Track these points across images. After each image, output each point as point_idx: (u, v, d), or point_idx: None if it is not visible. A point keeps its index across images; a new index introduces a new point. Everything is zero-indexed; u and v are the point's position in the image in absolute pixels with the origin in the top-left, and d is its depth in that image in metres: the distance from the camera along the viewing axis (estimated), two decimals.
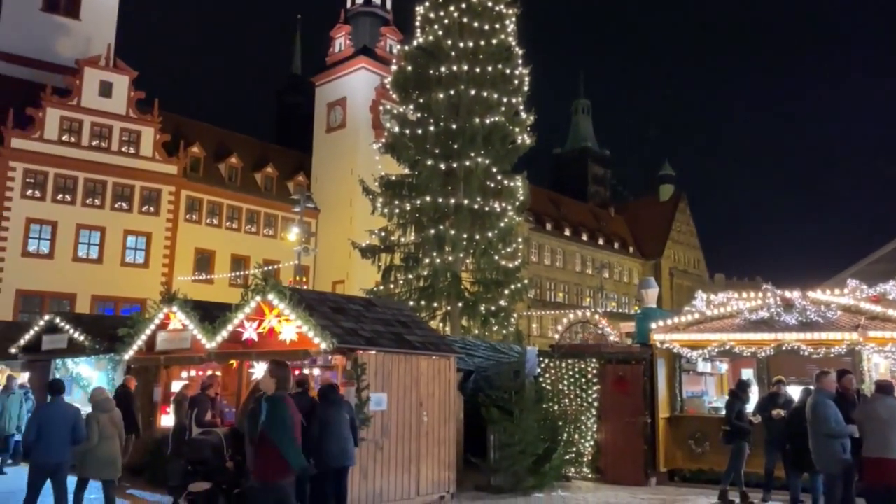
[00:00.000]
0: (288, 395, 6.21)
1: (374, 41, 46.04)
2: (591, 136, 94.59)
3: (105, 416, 8.97)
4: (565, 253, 62.93)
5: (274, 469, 5.80)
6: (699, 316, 12.69)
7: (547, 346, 15.30)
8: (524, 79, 23.73)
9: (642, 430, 12.35)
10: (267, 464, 5.80)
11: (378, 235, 23.59)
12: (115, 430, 9.02)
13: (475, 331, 21.87)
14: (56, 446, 8.18)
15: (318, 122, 46.92)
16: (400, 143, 23.26)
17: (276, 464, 5.79)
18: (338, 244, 36.90)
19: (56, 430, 8.18)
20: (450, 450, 10.94)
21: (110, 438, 8.88)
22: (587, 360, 13.07)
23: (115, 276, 35.37)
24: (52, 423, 8.22)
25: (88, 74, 36.16)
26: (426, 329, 12.29)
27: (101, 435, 8.71)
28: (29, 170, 34.05)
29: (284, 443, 5.76)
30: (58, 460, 8.27)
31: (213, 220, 40.74)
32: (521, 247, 24.62)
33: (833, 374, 8.60)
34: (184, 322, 11.48)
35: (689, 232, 78.67)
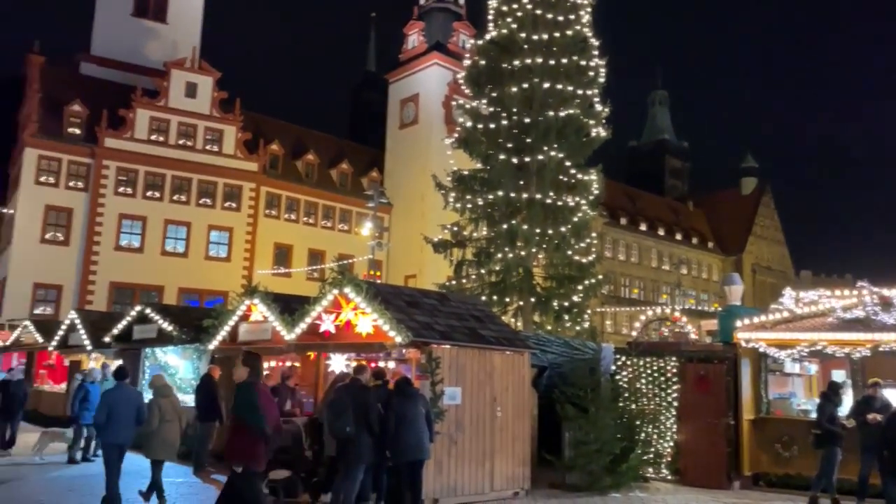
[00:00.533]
0: (260, 383, 6.42)
1: (447, 37, 46.16)
2: (668, 129, 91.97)
3: (165, 400, 9.38)
4: (641, 248, 61.44)
5: (251, 452, 5.98)
6: (787, 314, 12.11)
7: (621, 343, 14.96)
8: (600, 70, 23.21)
9: (725, 431, 11.90)
10: (244, 446, 5.99)
11: (450, 230, 23.62)
12: (176, 414, 9.42)
13: (548, 327, 21.60)
14: (123, 427, 8.77)
15: (391, 118, 47.46)
16: (472, 137, 23.18)
17: (251, 447, 5.96)
18: (410, 239, 37.25)
19: (123, 412, 8.76)
20: (524, 446, 10.85)
21: (171, 422, 9.28)
22: (666, 359, 12.69)
23: (199, 269, 36.91)
24: (120, 406, 8.78)
25: (175, 76, 37.79)
26: (500, 324, 12.23)
27: (161, 418, 9.16)
28: (121, 168, 35.93)
29: (250, 415, 6.01)
30: (124, 440, 8.87)
31: (290, 216, 41.92)
32: (595, 242, 24.10)
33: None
34: (264, 314, 11.82)
35: (773, 227, 75.32)
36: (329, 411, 8.62)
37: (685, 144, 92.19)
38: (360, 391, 8.71)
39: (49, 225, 34.52)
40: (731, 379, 12.08)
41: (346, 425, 8.35)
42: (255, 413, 5.90)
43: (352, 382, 8.84)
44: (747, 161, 77.70)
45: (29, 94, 35.79)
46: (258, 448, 5.92)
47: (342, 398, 8.58)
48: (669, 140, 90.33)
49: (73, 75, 39.06)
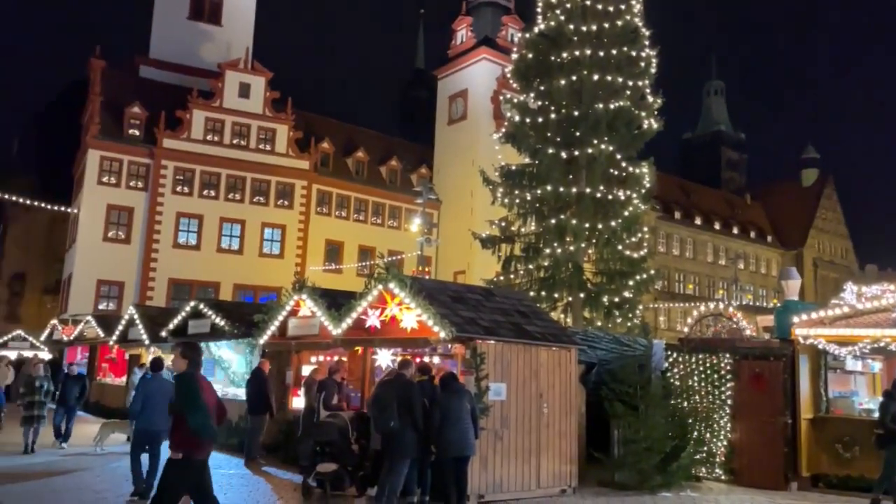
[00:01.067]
0: (199, 374, 6.37)
1: (496, 31, 45.93)
2: (724, 119, 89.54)
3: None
4: (696, 242, 59.97)
5: (190, 443, 6.00)
6: (849, 309, 11.60)
7: (675, 339, 14.61)
8: (651, 61, 22.72)
9: (782, 431, 11.49)
10: (183, 437, 6.01)
11: (498, 226, 23.52)
12: None
13: (598, 322, 21.29)
14: (158, 415, 9.11)
15: (439, 114, 47.52)
16: (520, 132, 23.00)
17: (191, 438, 5.99)
18: (459, 235, 37.27)
19: (158, 402, 9.13)
20: (571, 443, 10.71)
21: None
22: (720, 356, 12.33)
23: (253, 265, 37.75)
24: (154, 396, 9.31)
25: (229, 77, 38.68)
26: (546, 319, 12.09)
27: None
28: (178, 168, 37.01)
29: (192, 413, 5.97)
30: (158, 428, 9.23)
31: (341, 213, 42.46)
32: (647, 236, 23.63)
33: None
34: (312, 309, 11.98)
35: (835, 220, 72.49)
36: (374, 406, 8.68)
37: (742, 135, 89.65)
38: (404, 386, 8.74)
39: (111, 224, 35.82)
40: (788, 377, 11.65)
41: (390, 420, 8.41)
42: (195, 408, 5.96)
43: (396, 377, 8.88)
44: (808, 152, 74.97)
45: (91, 98, 37.17)
46: (197, 438, 6.00)
47: (387, 393, 8.62)
48: (725, 131, 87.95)
49: (132, 78, 40.39)
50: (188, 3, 43.71)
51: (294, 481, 10.83)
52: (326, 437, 9.81)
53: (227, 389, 15.75)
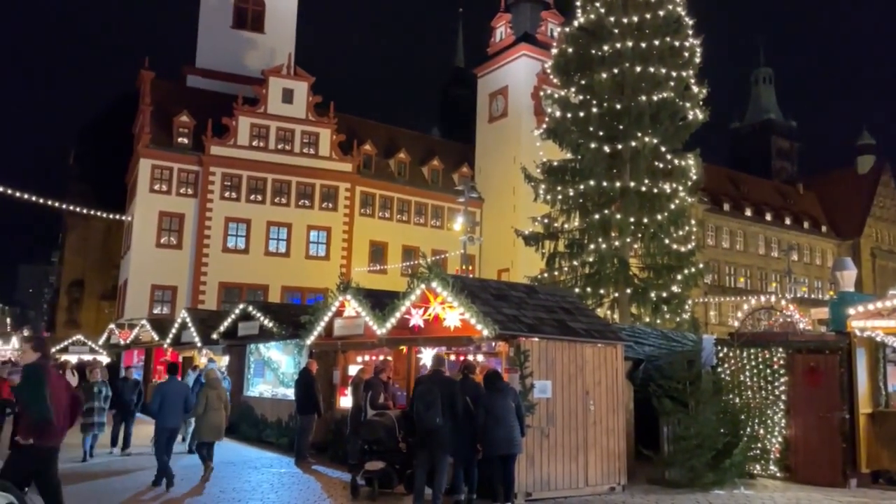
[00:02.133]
0: (49, 366, 6.47)
1: (535, 27, 45.64)
2: (774, 107, 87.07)
3: (213, 392, 10.89)
4: (746, 235, 58.47)
5: (35, 430, 6.11)
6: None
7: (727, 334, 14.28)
8: (695, 50, 22.27)
9: (840, 426, 11.12)
10: (28, 425, 6.21)
11: (541, 222, 23.37)
12: (221, 403, 10.90)
13: (646, 318, 20.97)
14: (173, 414, 10.38)
15: (480, 112, 47.47)
16: (562, 127, 22.82)
17: (38, 428, 6.10)
18: (502, 232, 37.18)
19: (173, 401, 10.34)
20: (619, 440, 10.57)
21: (216, 410, 10.78)
22: (772, 350, 11.99)
23: (300, 268, 38.36)
24: (170, 396, 10.36)
25: (272, 83, 39.38)
26: (591, 316, 11.96)
27: (207, 406, 10.68)
28: (226, 174, 37.86)
29: (33, 403, 6.12)
30: (174, 425, 10.55)
31: (384, 214, 42.81)
32: (695, 229, 23.18)
33: None
34: (357, 309, 12.10)
35: (894, 207, 69.70)
36: (419, 402, 8.74)
37: (793, 123, 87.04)
38: (446, 383, 8.79)
39: (163, 230, 36.88)
40: (844, 370, 11.26)
41: (436, 416, 8.46)
42: (38, 401, 6.10)
43: (436, 374, 8.94)
44: (864, 138, 72.27)
45: (142, 108, 38.34)
46: (46, 427, 6.13)
47: (431, 389, 8.67)
48: (775, 119, 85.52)
49: (180, 88, 41.51)
50: (232, 12, 44.70)
51: (343, 480, 10.97)
52: (374, 436, 9.91)
53: (276, 390, 16.06)
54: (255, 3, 45.33)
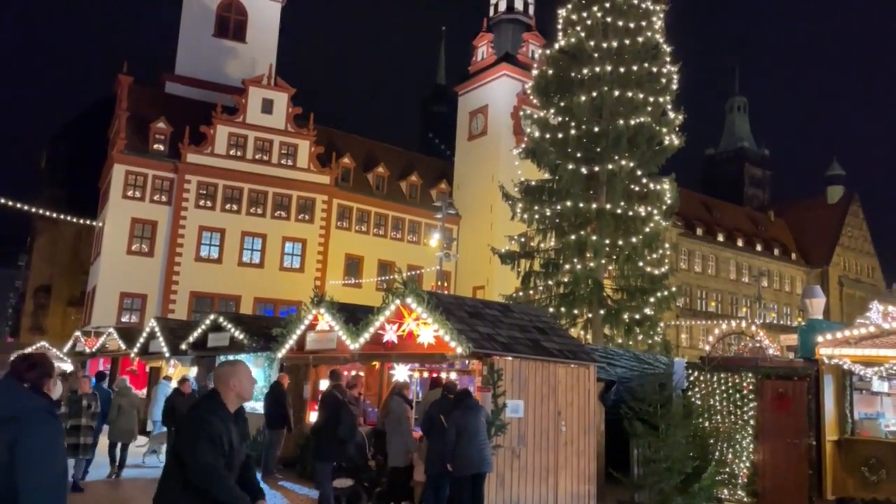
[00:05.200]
0: None
1: (516, 47, 46.12)
2: (747, 136, 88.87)
3: (124, 399, 12.82)
4: (718, 259, 59.31)
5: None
6: (875, 329, 11.35)
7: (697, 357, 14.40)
8: (672, 77, 22.65)
9: (806, 452, 11.24)
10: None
11: (518, 241, 23.47)
12: (133, 408, 12.87)
13: (619, 340, 21.10)
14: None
15: (460, 130, 47.71)
16: (540, 147, 23.00)
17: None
18: (478, 250, 37.24)
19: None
20: (590, 462, 10.57)
21: (128, 415, 12.60)
22: (742, 375, 12.11)
23: (274, 279, 37.99)
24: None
25: (252, 93, 39.19)
26: (564, 336, 11.99)
27: (119, 412, 12.52)
28: (201, 182, 37.46)
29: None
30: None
31: (361, 227, 42.66)
32: (669, 253, 23.50)
33: None
34: (330, 323, 11.99)
35: (861, 237, 71.38)
36: (430, 426, 8.83)
37: (766, 152, 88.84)
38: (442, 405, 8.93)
39: (135, 237, 36.30)
40: (812, 397, 11.41)
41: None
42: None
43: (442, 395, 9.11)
44: (833, 169, 74.05)
45: (118, 113, 37.86)
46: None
47: (437, 413, 8.76)
48: (749, 147, 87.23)
49: (158, 94, 41.10)
50: (213, 21, 44.50)
51: (310, 497, 10.79)
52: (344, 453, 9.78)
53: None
54: (238, 12, 45.20)
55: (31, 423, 3.03)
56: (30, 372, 3.44)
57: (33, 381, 3.44)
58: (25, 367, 3.44)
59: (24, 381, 3.39)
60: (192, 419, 4.08)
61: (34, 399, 3.23)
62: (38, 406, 3.15)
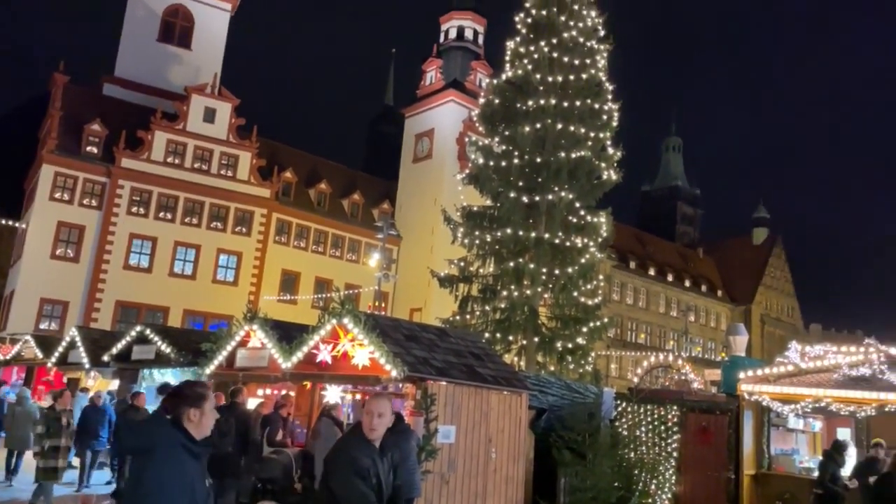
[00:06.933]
0: None
1: (465, 75, 46.80)
2: (681, 175, 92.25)
3: (20, 409, 13.64)
4: (649, 293, 61.08)
5: None
6: (792, 368, 11.88)
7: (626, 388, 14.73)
8: (613, 114, 23.38)
9: (725, 485, 11.61)
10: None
11: (457, 265, 23.60)
12: (29, 420, 13.06)
13: (551, 367, 21.38)
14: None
15: (405, 151, 47.92)
16: (484, 174, 23.30)
17: None
18: (418, 272, 37.23)
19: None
20: (518, 489, 10.61)
21: (23, 426, 13.08)
22: (667, 407, 12.45)
23: (206, 292, 36.97)
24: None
25: (195, 101, 38.40)
26: (499, 363, 12.07)
27: (14, 424, 13.26)
28: (135, 188, 36.31)
29: None
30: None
31: (300, 243, 42.09)
32: (603, 284, 24.02)
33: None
34: (262, 341, 11.71)
35: (783, 278, 74.84)
36: (314, 441, 8.56)
37: (697, 191, 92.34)
38: None
39: (60, 241, 34.79)
40: (732, 432, 11.82)
41: None
42: None
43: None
44: (759, 211, 77.65)
45: (51, 112, 36.42)
46: None
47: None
48: (682, 186, 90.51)
49: (95, 95, 39.76)
50: (158, 25, 43.49)
51: None
52: (269, 475, 9.55)
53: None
54: (184, 18, 44.33)
55: None
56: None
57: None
58: None
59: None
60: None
61: None
62: None
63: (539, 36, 23.53)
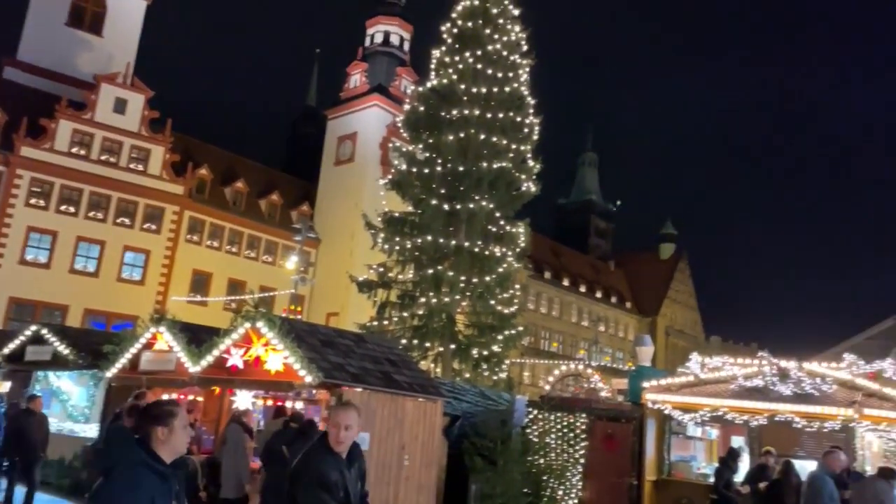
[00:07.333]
0: None
1: (390, 80, 46.74)
2: (595, 190, 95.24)
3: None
4: (562, 303, 62.71)
5: None
6: (693, 378, 12.50)
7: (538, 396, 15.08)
8: (534, 128, 23.94)
9: (628, 491, 12.06)
10: None
11: (376, 271, 23.50)
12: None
13: (466, 374, 21.60)
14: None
15: (327, 154, 47.33)
16: (406, 181, 23.35)
17: None
18: (336, 276, 36.81)
19: None
20: (429, 497, 10.66)
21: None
22: (576, 415, 12.84)
23: (109, 290, 35.21)
24: None
25: (105, 90, 36.60)
26: (415, 370, 12.11)
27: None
28: (36, 179, 34.19)
29: None
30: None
31: (213, 243, 40.75)
32: (519, 293, 24.48)
33: (839, 454, 8.61)
34: (170, 343, 11.30)
35: (687, 292, 78.56)
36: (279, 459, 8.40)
37: (610, 206, 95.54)
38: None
39: None
40: (636, 439, 12.30)
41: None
42: None
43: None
44: (667, 228, 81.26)
45: None
46: None
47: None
48: (596, 201, 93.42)
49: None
50: (68, 8, 41.18)
51: None
52: None
53: (62, 424, 14.39)
54: (96, 3, 42.10)
55: None
56: None
57: None
58: None
59: None
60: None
61: None
62: None
63: (465, 47, 23.83)
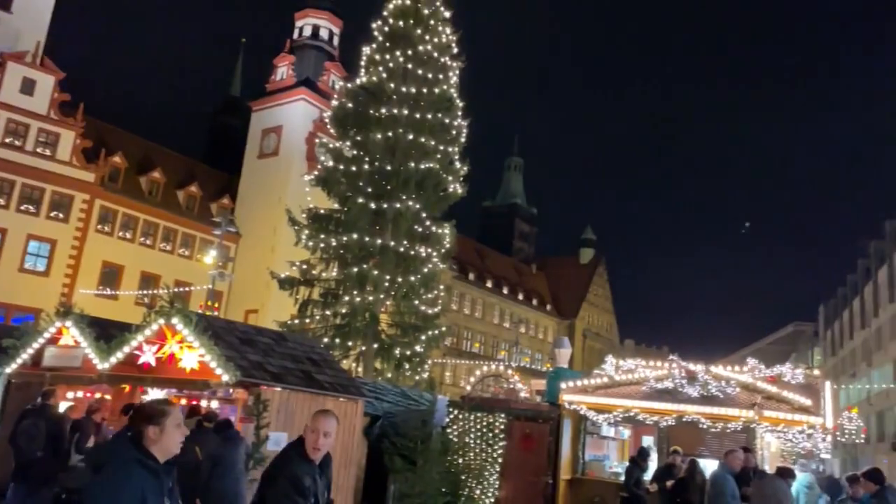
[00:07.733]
0: None
1: (318, 74, 46.06)
2: (520, 194, 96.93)
3: None
4: (485, 304, 63.47)
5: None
6: (607, 380, 12.91)
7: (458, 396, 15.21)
8: (462, 130, 24.10)
9: (543, 490, 12.33)
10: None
11: (299, 268, 23.08)
12: None
13: (388, 374, 21.53)
14: None
15: (250, 146, 46.19)
16: (332, 177, 23.05)
17: None
18: (256, 272, 35.92)
19: None
20: (346, 498, 10.56)
21: None
22: (496, 415, 13.03)
23: (10, 281, 33.16)
24: None
25: (11, 69, 34.50)
26: (337, 369, 11.98)
27: None
28: None
29: None
30: None
31: (126, 234, 39.04)
32: (443, 294, 24.59)
33: (739, 453, 9.04)
34: (77, 339, 10.75)
35: (604, 296, 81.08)
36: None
37: (534, 210, 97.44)
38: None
39: None
40: (553, 439, 12.60)
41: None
42: None
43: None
44: (587, 233, 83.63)
45: None
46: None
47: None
48: (520, 204, 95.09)
49: None
50: None
51: None
52: (75, 485, 8.73)
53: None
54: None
55: None
56: None
57: None
58: None
59: None
60: None
61: None
62: None
63: (395, 45, 23.75)
